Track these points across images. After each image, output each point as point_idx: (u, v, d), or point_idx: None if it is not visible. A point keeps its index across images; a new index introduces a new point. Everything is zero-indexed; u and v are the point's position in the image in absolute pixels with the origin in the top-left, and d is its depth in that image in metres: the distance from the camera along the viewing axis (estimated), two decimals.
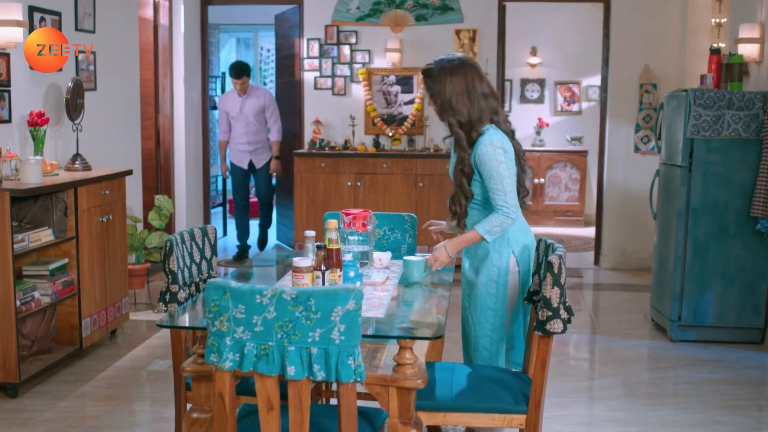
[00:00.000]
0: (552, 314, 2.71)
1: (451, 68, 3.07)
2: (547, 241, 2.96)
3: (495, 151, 2.99)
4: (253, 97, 7.62)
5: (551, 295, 2.70)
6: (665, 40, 7.46)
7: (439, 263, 3.14)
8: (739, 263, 5.18)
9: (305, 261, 2.70)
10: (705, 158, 5.13)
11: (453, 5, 7.56)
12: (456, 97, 3.05)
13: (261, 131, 7.74)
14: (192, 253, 3.21)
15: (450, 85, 3.05)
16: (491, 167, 2.99)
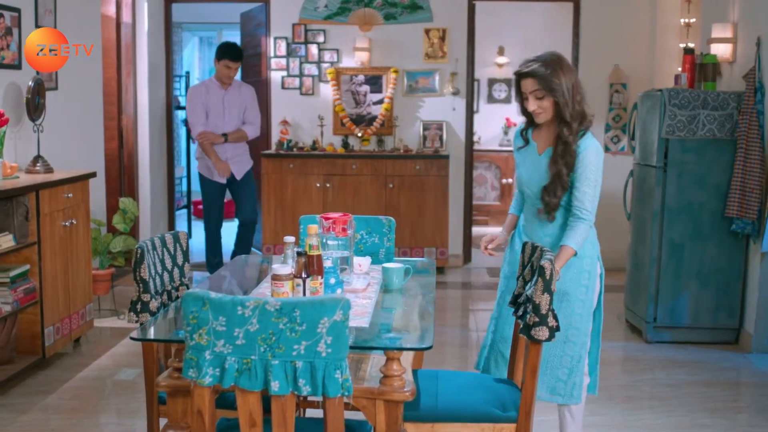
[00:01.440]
0: (539, 320, 2.62)
1: (562, 62, 3.07)
2: (534, 244, 2.88)
3: (598, 158, 3.05)
4: (238, 90, 6.49)
5: (541, 301, 2.62)
6: (635, 40, 7.45)
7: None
8: (714, 264, 5.16)
9: (285, 268, 2.58)
10: (680, 158, 5.10)
11: (422, 4, 7.47)
12: (573, 87, 3.05)
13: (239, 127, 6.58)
14: (163, 259, 3.07)
15: (566, 77, 3.04)
16: (590, 171, 3.03)
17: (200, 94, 6.38)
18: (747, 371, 4.79)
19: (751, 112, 4.90)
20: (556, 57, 3.08)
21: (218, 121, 6.37)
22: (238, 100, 6.45)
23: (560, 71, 3.03)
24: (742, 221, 4.97)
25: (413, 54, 7.54)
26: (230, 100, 6.41)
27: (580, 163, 3.03)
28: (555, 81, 3.01)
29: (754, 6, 5.18)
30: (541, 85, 3.04)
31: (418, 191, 7.28)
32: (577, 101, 3.06)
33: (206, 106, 6.32)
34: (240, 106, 6.47)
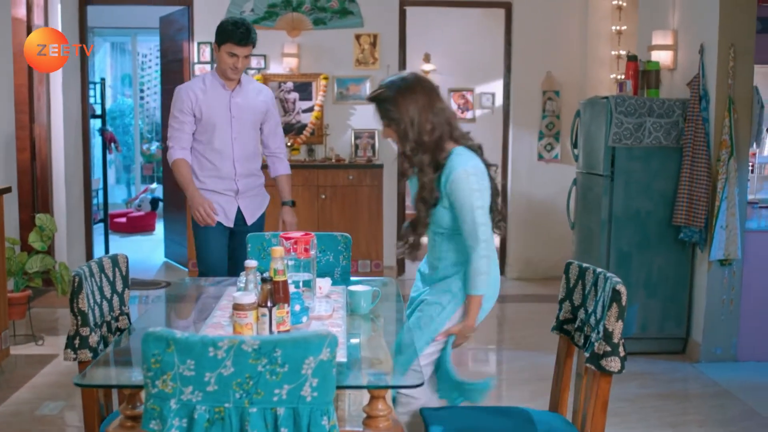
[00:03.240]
0: (611, 350, 2.43)
1: (407, 86, 2.76)
2: (584, 266, 2.74)
3: (468, 179, 2.70)
4: (252, 91, 4.15)
5: (614, 329, 2.43)
6: (567, 47, 7.41)
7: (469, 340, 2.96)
8: (662, 273, 5.09)
9: (248, 296, 2.30)
10: (627, 167, 5.02)
11: (352, 9, 7.25)
12: (419, 116, 2.74)
13: (257, 155, 4.23)
14: (102, 287, 2.74)
15: (413, 104, 2.74)
16: (464, 197, 2.70)
17: (189, 95, 4.00)
18: (698, 382, 4.72)
19: (697, 119, 4.86)
20: (406, 82, 2.79)
21: (222, 141, 4.03)
22: (252, 107, 4.11)
23: (404, 98, 2.74)
24: (690, 229, 4.92)
25: (344, 60, 7.30)
26: (240, 105, 4.06)
27: (452, 194, 2.73)
28: (392, 109, 2.75)
29: (695, 13, 5.15)
30: (380, 112, 2.81)
31: (351, 202, 7.05)
32: (427, 131, 2.74)
33: (199, 114, 4.02)
34: (255, 116, 4.13)
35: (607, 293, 2.55)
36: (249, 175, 4.15)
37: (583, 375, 2.73)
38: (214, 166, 4.07)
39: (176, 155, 4.05)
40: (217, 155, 4.06)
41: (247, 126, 4.12)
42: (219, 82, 4.07)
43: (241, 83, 4.10)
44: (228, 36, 3.90)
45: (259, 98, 4.15)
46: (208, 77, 4.10)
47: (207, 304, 3.01)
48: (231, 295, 2.98)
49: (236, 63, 3.95)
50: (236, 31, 3.89)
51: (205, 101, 4.03)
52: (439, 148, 2.76)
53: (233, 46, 3.89)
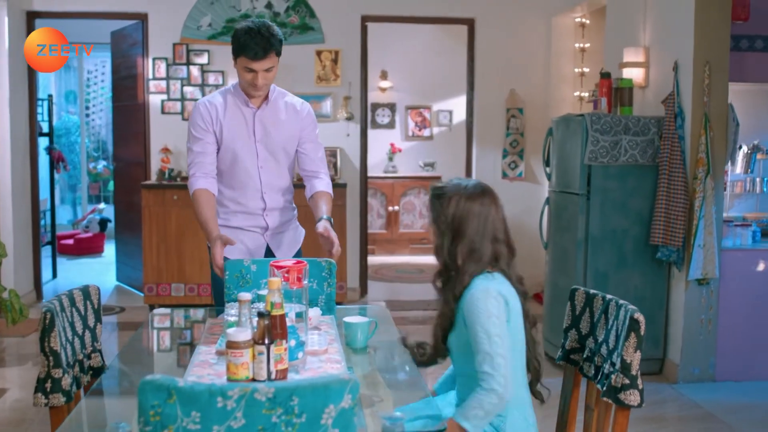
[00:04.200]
0: (630, 383, 2.28)
1: (469, 193, 2.44)
2: (592, 292, 2.58)
3: (488, 300, 2.31)
4: (282, 108, 3.37)
5: (632, 360, 2.28)
6: (530, 64, 7.35)
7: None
8: (639, 293, 5.00)
9: (243, 333, 2.10)
10: (603, 185, 4.94)
11: (313, 24, 7.07)
12: (464, 230, 2.41)
13: (289, 186, 3.52)
14: (73, 322, 2.50)
15: (456, 209, 2.42)
16: (477, 320, 2.30)
17: (210, 110, 3.30)
18: (680, 404, 4.63)
19: (673, 137, 4.80)
20: (475, 186, 2.46)
21: (245, 171, 3.34)
22: (283, 127, 3.35)
23: (463, 200, 2.42)
24: (667, 249, 4.84)
25: (304, 77, 7.11)
26: (267, 125, 3.33)
27: (468, 316, 2.35)
28: (437, 208, 2.46)
29: (667, 30, 5.11)
30: (432, 206, 2.50)
31: (313, 222, 6.81)
32: (463, 254, 2.41)
33: (219, 136, 3.30)
34: (287, 139, 3.36)
35: (621, 321, 2.41)
36: (280, 208, 3.44)
37: (594, 408, 2.58)
38: (238, 201, 3.37)
39: (197, 185, 3.24)
40: (241, 188, 3.34)
41: (277, 151, 3.33)
42: (241, 98, 3.28)
43: (269, 99, 3.30)
44: (241, 49, 3.12)
45: (291, 116, 3.35)
46: (230, 93, 3.33)
47: (186, 338, 2.78)
48: (212, 328, 2.77)
49: (255, 80, 3.15)
50: (250, 42, 3.09)
51: (225, 121, 3.27)
52: (463, 274, 2.41)
53: (248, 60, 3.11)
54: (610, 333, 2.48)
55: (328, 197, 3.39)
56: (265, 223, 3.41)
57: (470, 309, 2.34)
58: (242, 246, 3.40)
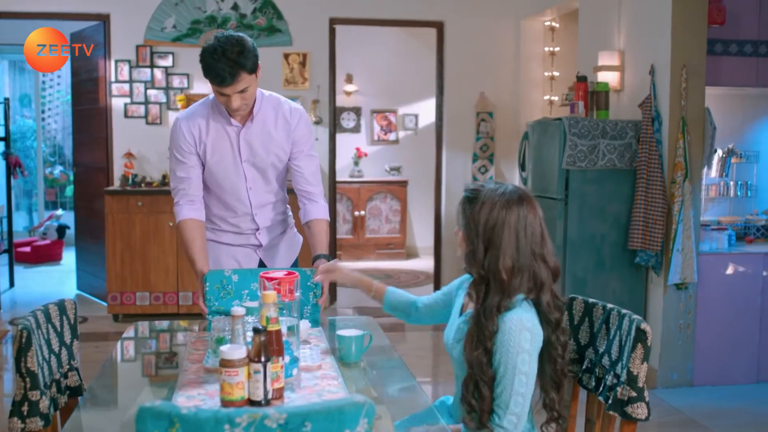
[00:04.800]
0: (636, 396, 2.19)
1: (506, 200, 2.21)
2: (590, 301, 2.48)
3: (520, 334, 2.13)
4: (270, 120, 3.06)
5: (639, 371, 2.19)
6: (500, 68, 7.30)
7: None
8: (617, 297, 4.97)
9: (238, 350, 1.97)
10: (581, 190, 4.89)
11: (281, 27, 6.94)
12: (498, 239, 2.19)
13: (283, 199, 3.29)
14: (50, 340, 2.35)
15: (495, 220, 2.19)
16: (508, 352, 2.13)
17: (192, 131, 3.02)
18: (660, 409, 4.59)
19: (651, 141, 4.77)
20: (513, 192, 2.24)
21: (233, 194, 3.12)
22: (271, 142, 3.07)
23: (484, 207, 2.21)
24: (646, 253, 4.81)
25: (272, 80, 6.97)
26: (253, 144, 3.05)
27: (498, 348, 2.15)
28: (467, 213, 2.25)
29: (643, 34, 5.09)
30: (463, 210, 2.29)
31: None
32: (512, 258, 2.19)
33: (203, 157, 3.04)
34: (278, 153, 3.09)
35: (624, 331, 2.33)
36: (274, 224, 3.23)
37: (596, 421, 2.51)
38: (228, 221, 3.17)
39: (182, 214, 3.02)
40: (230, 209, 3.14)
41: (266, 169, 3.07)
42: (224, 116, 2.97)
43: (254, 114, 2.98)
44: (206, 73, 2.81)
45: (281, 129, 3.04)
46: (212, 108, 3.00)
47: (169, 354, 2.64)
48: (195, 343, 2.63)
49: (229, 103, 2.84)
50: (214, 66, 2.75)
51: (209, 142, 2.99)
52: (506, 295, 2.19)
53: (216, 86, 2.82)
54: (612, 344, 2.40)
55: (325, 226, 3.14)
56: (257, 242, 3.23)
57: (501, 338, 2.15)
58: (234, 263, 3.22)
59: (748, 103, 5.41)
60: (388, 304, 2.77)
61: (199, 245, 3.00)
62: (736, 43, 5.05)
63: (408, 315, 2.74)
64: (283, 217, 3.28)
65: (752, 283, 4.96)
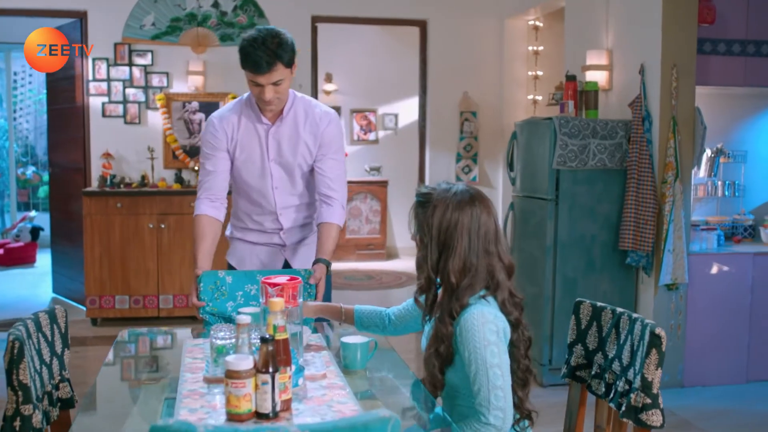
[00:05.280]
0: (651, 402, 2.14)
1: (457, 201, 2.20)
2: (599, 305, 2.43)
3: (484, 327, 2.10)
4: (300, 122, 3.03)
5: (654, 378, 2.14)
6: (483, 67, 7.26)
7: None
8: (607, 298, 4.92)
9: (245, 361, 1.88)
10: (571, 190, 4.84)
11: (262, 25, 6.81)
12: (452, 241, 2.18)
13: (311, 202, 3.20)
14: (41, 350, 2.24)
15: (449, 222, 2.18)
16: (474, 348, 2.09)
17: (225, 128, 3.03)
18: None
19: (641, 141, 4.74)
20: (463, 192, 2.22)
21: (260, 192, 3.08)
22: (299, 143, 3.02)
23: (452, 209, 2.18)
24: (637, 254, 4.77)
25: None
26: (281, 143, 3.02)
27: (462, 344, 2.12)
28: (420, 218, 2.23)
29: (632, 33, 5.06)
30: (416, 214, 2.27)
31: None
32: (457, 270, 2.17)
33: (233, 154, 3.04)
34: (304, 155, 3.05)
35: (637, 336, 2.28)
36: (299, 226, 3.17)
37: (605, 428, 2.45)
38: (253, 219, 3.13)
39: (199, 209, 3.01)
40: (256, 206, 3.10)
41: (293, 170, 3.04)
42: (255, 114, 2.98)
43: (285, 113, 2.98)
44: (243, 61, 2.82)
45: (310, 131, 2.99)
46: (244, 106, 3.01)
47: (162, 363, 2.54)
48: (192, 351, 2.53)
49: (262, 94, 2.84)
50: (252, 54, 2.77)
51: (239, 139, 3.01)
52: (459, 297, 2.17)
53: (252, 74, 2.82)
54: (623, 348, 2.35)
55: (333, 231, 3.03)
56: (281, 241, 3.16)
57: (466, 336, 2.11)
58: (258, 261, 3.18)
59: (735, 102, 5.40)
60: (359, 323, 2.70)
61: (206, 245, 2.97)
62: (724, 42, 5.03)
63: (383, 328, 2.68)
64: (310, 220, 3.20)
65: (741, 283, 4.94)
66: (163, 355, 2.81)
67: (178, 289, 6.38)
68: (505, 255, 2.26)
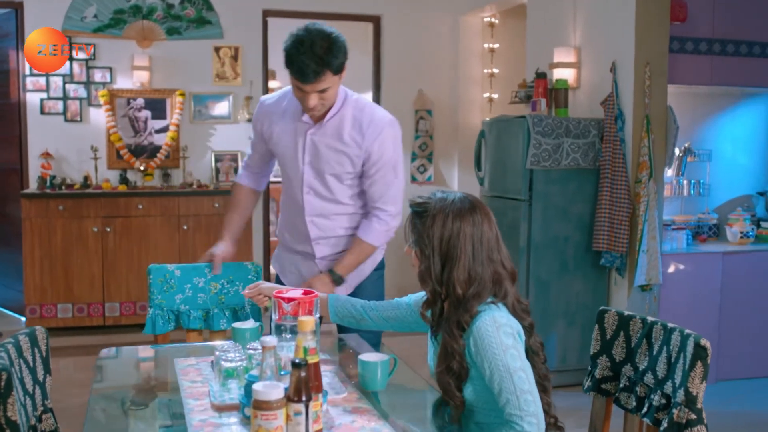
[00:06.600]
0: (696, 418, 2.01)
1: (457, 210, 2.07)
2: (647, 319, 2.27)
3: (499, 331, 1.96)
4: (346, 127, 2.71)
5: (699, 392, 2.01)
6: (438, 64, 7.11)
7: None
8: (580, 300, 4.84)
9: (276, 389, 1.67)
10: (545, 190, 4.73)
11: (211, 18, 6.53)
12: (456, 252, 2.04)
13: (348, 215, 2.86)
14: (23, 378, 1.97)
15: (450, 232, 2.05)
16: (493, 355, 1.94)
17: (260, 117, 2.86)
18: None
19: (614, 140, 4.66)
20: (462, 200, 2.09)
21: (293, 191, 2.85)
22: (338, 150, 2.72)
23: (436, 221, 2.06)
24: (611, 255, 4.70)
25: (202, 75, 6.57)
26: (319, 146, 2.74)
27: (478, 354, 1.98)
28: (419, 229, 2.10)
29: (601, 31, 4.98)
30: (412, 225, 2.14)
31: (217, 233, 6.12)
32: (461, 281, 2.03)
33: (268, 144, 2.85)
34: (341, 164, 2.74)
35: (674, 347, 2.15)
36: (335, 237, 2.84)
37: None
38: (290, 222, 2.90)
39: (237, 178, 3.04)
40: (293, 206, 2.85)
41: (326, 177, 2.74)
42: (296, 109, 2.71)
43: (329, 116, 2.68)
44: (287, 64, 2.54)
45: (354, 138, 2.67)
46: (289, 98, 2.75)
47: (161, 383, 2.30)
48: (188, 372, 2.29)
49: (305, 100, 2.57)
50: (297, 60, 2.49)
51: (276, 132, 2.77)
52: (467, 307, 2.03)
53: (295, 80, 2.54)
54: (657, 360, 2.21)
55: (360, 247, 2.78)
56: (311, 251, 2.86)
57: (481, 344, 1.97)
58: (295, 270, 2.95)
59: (700, 101, 5.39)
60: (335, 313, 2.52)
61: (235, 216, 3.01)
62: (692, 40, 5.00)
63: (358, 321, 2.50)
64: (351, 233, 2.86)
65: (711, 282, 4.93)
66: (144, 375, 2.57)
67: (124, 296, 6.05)
68: (508, 261, 2.15)
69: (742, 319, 5.00)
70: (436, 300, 2.11)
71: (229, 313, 3.04)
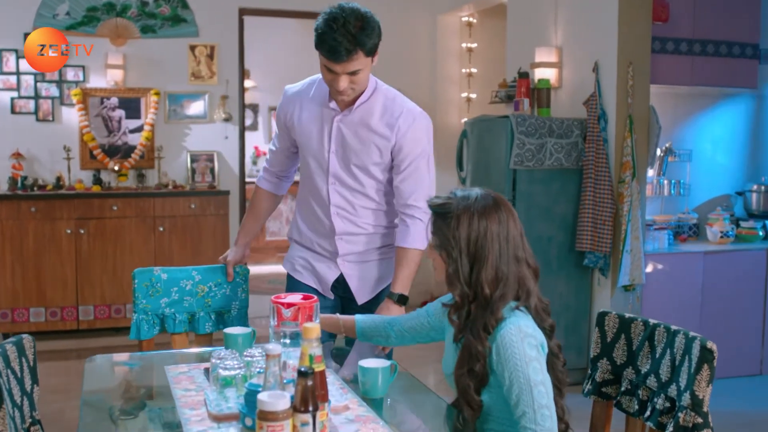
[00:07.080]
0: (702, 422, 1.96)
1: (481, 208, 2.00)
2: (649, 321, 2.23)
3: (524, 342, 1.91)
4: (376, 115, 2.59)
5: (705, 395, 1.96)
6: (416, 64, 7.07)
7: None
8: (563, 300, 4.83)
9: (282, 399, 1.61)
10: (528, 190, 4.71)
11: (186, 16, 6.43)
12: (484, 251, 1.98)
13: (377, 211, 2.70)
14: (11, 389, 1.89)
15: (477, 232, 1.98)
16: (515, 365, 1.89)
17: (287, 106, 2.73)
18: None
19: (597, 140, 4.65)
20: (485, 198, 2.04)
21: (316, 184, 2.69)
22: (368, 139, 2.60)
23: (461, 221, 1.99)
24: (595, 255, 4.69)
25: (177, 73, 6.46)
26: (347, 134, 2.61)
27: (500, 362, 1.93)
28: (443, 231, 2.03)
29: (583, 30, 4.97)
30: (436, 227, 2.07)
31: (193, 234, 6.21)
32: (493, 269, 1.98)
33: (293, 136, 2.73)
34: (370, 155, 2.61)
35: (678, 350, 2.12)
36: (362, 235, 2.68)
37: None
38: (314, 216, 2.71)
39: (258, 181, 2.90)
40: (316, 200, 2.68)
41: (353, 168, 2.61)
42: (323, 95, 2.60)
43: (358, 103, 2.56)
44: (318, 42, 2.41)
45: (384, 127, 2.55)
46: (317, 85, 2.65)
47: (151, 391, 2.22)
48: (180, 381, 2.22)
49: (335, 82, 2.45)
50: (329, 37, 2.37)
51: (302, 121, 2.65)
52: (493, 310, 1.97)
53: (326, 59, 2.42)
54: (660, 363, 2.18)
55: (409, 256, 2.60)
56: (335, 248, 2.69)
57: (504, 353, 1.92)
58: (309, 270, 2.78)
59: (680, 101, 5.40)
60: (362, 334, 2.47)
61: (251, 220, 2.98)
62: (672, 41, 5.01)
63: (387, 338, 2.44)
64: (379, 231, 2.70)
65: (693, 281, 4.94)
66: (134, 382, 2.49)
67: (99, 299, 5.93)
68: (532, 259, 2.11)
69: (724, 318, 5.02)
70: (464, 302, 2.05)
71: (215, 316, 2.98)
